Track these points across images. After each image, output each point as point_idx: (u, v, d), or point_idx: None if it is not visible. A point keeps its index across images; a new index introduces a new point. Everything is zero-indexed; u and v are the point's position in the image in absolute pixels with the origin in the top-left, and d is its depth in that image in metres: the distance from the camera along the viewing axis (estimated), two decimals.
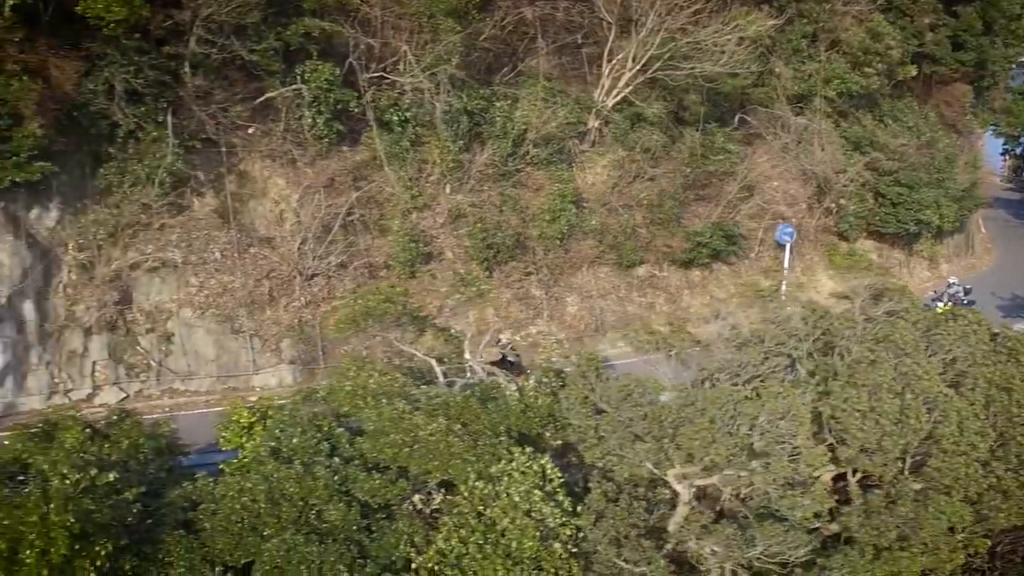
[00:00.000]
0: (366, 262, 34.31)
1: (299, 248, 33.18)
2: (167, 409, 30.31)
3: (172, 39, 30.60)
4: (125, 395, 31.24)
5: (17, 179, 28.35)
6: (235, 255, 32.73)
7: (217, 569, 20.45)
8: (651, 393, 20.65)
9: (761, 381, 22.01)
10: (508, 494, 19.02)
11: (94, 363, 31.32)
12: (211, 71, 31.40)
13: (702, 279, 42.49)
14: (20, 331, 30.16)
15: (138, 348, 31.83)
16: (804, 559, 19.87)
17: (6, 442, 21.86)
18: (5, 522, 18.93)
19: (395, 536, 19.70)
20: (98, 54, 29.06)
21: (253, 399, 30.52)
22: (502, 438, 20.51)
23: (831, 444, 21.59)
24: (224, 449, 24.03)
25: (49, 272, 30.75)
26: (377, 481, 19.93)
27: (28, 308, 30.23)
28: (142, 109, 30.05)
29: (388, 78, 34.03)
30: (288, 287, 33.29)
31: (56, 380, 30.87)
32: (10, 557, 18.53)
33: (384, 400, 20.78)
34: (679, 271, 41.54)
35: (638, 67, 38.43)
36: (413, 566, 19.43)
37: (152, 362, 31.85)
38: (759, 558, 19.80)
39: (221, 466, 23.34)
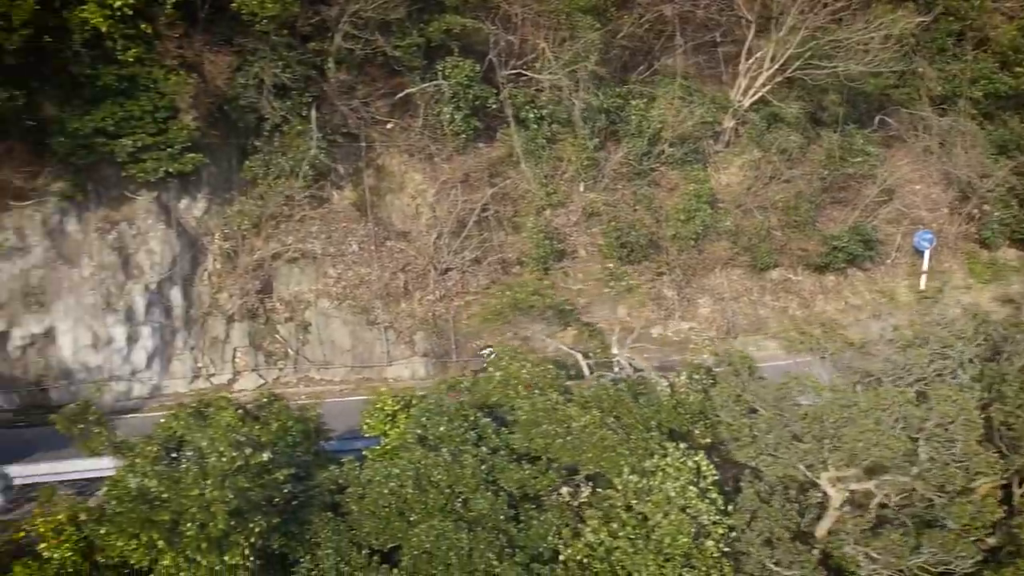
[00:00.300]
0: (499, 258, 34.32)
1: (434, 243, 33.43)
2: (303, 397, 30.86)
3: (317, 35, 31.25)
4: (263, 381, 31.91)
5: (171, 170, 29.27)
6: (372, 248, 33.16)
7: (364, 552, 20.68)
8: (810, 393, 20.02)
9: (926, 384, 21.13)
10: (663, 489, 18.67)
11: (235, 349, 32.14)
12: (354, 67, 31.96)
13: (836, 284, 41.22)
14: (168, 317, 31.15)
15: (277, 336, 32.52)
16: (970, 570, 18.98)
17: (161, 419, 22.55)
18: (164, 495, 19.54)
19: (544, 527, 19.57)
20: (249, 50, 29.86)
21: (386, 390, 30.99)
22: (653, 433, 20.18)
23: (1000, 451, 20.59)
24: (366, 435, 24.29)
25: (196, 260, 31.71)
26: (527, 471, 19.83)
27: (176, 295, 31.20)
28: (288, 103, 30.74)
29: (526, 75, 34.05)
30: (423, 281, 33.55)
31: (199, 365, 31.78)
32: (172, 528, 19.08)
33: (537, 391, 20.68)
34: (813, 275, 40.41)
35: (776, 66, 37.61)
36: (561, 557, 19.27)
37: (290, 350, 32.50)
38: (920, 566, 19.00)
39: (364, 452, 23.62)
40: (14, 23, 25.36)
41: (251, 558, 19.59)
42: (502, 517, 19.91)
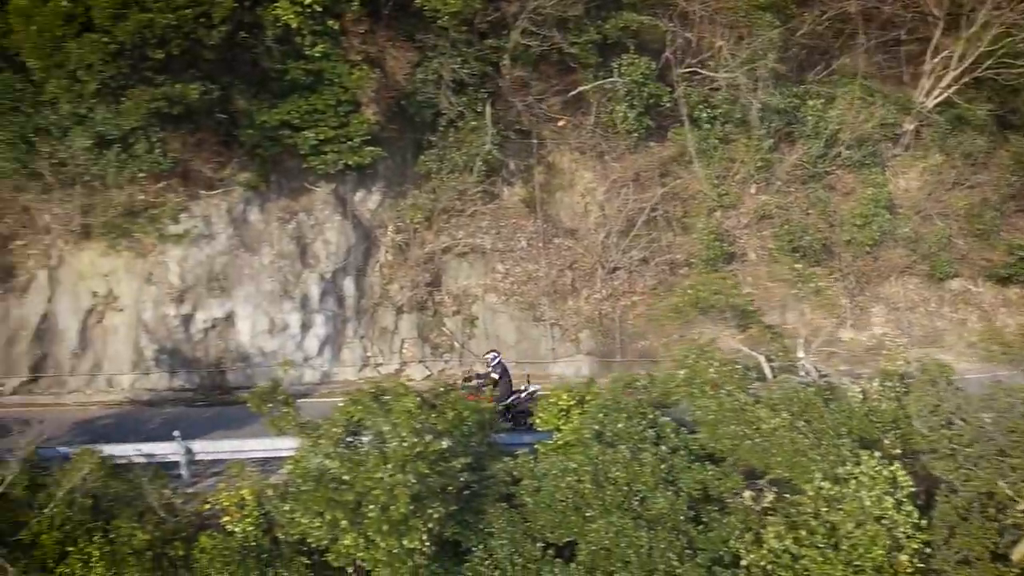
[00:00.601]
0: (667, 259, 33.85)
1: (602, 241, 33.24)
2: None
3: (493, 32, 31.55)
4: (429, 373, 32.30)
5: (350, 162, 30.00)
6: (540, 245, 33.23)
7: (538, 544, 20.62)
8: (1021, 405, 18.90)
9: None
10: (857, 498, 17.92)
11: (403, 340, 32.69)
12: (529, 63, 32.10)
13: (1020, 297, 39.00)
14: (340, 306, 31.94)
15: (444, 329, 32.93)
16: None
17: (339, 404, 23.01)
18: (345, 477, 19.94)
19: (726, 530, 19.11)
20: (430, 46, 30.37)
21: (551, 386, 30.92)
22: (845, 440, 19.43)
23: None
24: (539, 429, 24.23)
25: (369, 252, 32.44)
26: (709, 472, 19.40)
27: (348, 285, 31.98)
28: (464, 99, 31.11)
29: (701, 73, 33.49)
30: (590, 279, 33.40)
31: (368, 354, 32.44)
32: (354, 509, 19.44)
33: (723, 390, 20.23)
34: (995, 287, 38.31)
35: (965, 65, 35.85)
36: (743, 563, 18.75)
37: (456, 343, 32.84)
38: None
39: (536, 446, 23.57)
40: (214, 20, 26.48)
41: (428, 543, 19.81)
42: (681, 518, 19.51)
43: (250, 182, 30.13)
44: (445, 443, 20.39)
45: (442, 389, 23.39)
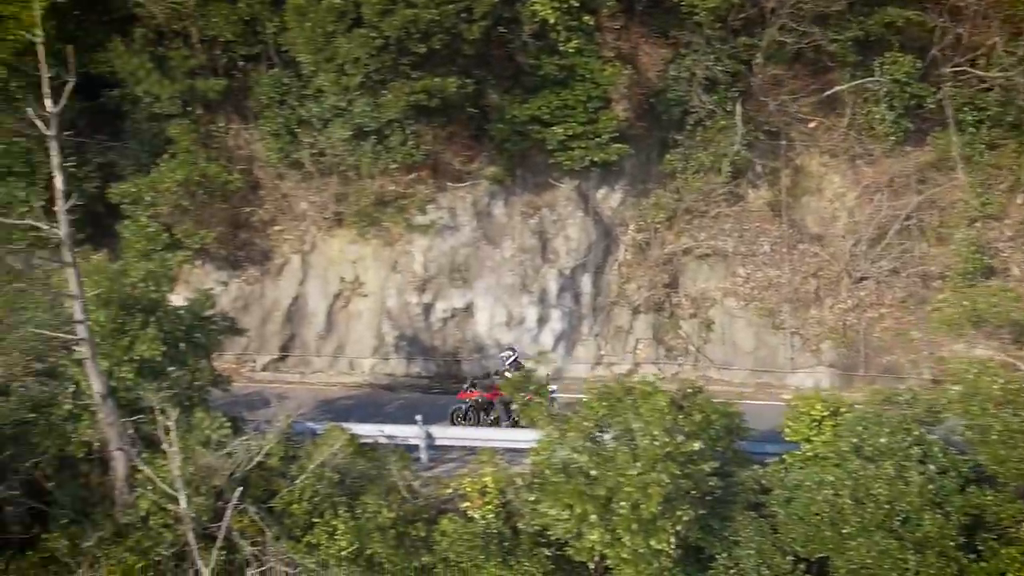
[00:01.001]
0: (920, 270, 31.88)
1: (850, 249, 31.73)
2: None
3: (746, 29, 30.70)
4: (662, 376, 31.77)
5: (596, 159, 29.99)
6: (784, 250, 32.11)
7: (788, 557, 19.83)
8: None
9: None
10: None
11: (637, 341, 32.39)
12: (782, 61, 31.04)
13: None
14: (577, 302, 32.01)
15: (679, 332, 32.37)
16: None
17: (583, 398, 22.90)
18: (592, 472, 19.81)
19: (1004, 561, 17.71)
20: (683, 43, 29.93)
21: (787, 397, 29.76)
22: None
23: None
24: (788, 440, 23.31)
25: (608, 250, 32.34)
26: (988, 497, 18.02)
27: (586, 282, 32.00)
28: (715, 97, 30.48)
29: (971, 73, 31.30)
30: (834, 288, 31.96)
31: (601, 352, 32.37)
32: (604, 505, 19.28)
33: (1009, 409, 18.77)
34: None
35: None
36: None
37: (691, 347, 32.22)
38: None
39: (784, 456, 22.69)
40: (475, 15, 27.10)
41: (674, 546, 19.41)
42: (952, 543, 18.24)
43: (496, 176, 30.64)
44: (697, 445, 19.95)
45: (690, 390, 22.90)
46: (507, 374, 25.31)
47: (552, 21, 27.78)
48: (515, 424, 25.43)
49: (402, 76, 27.65)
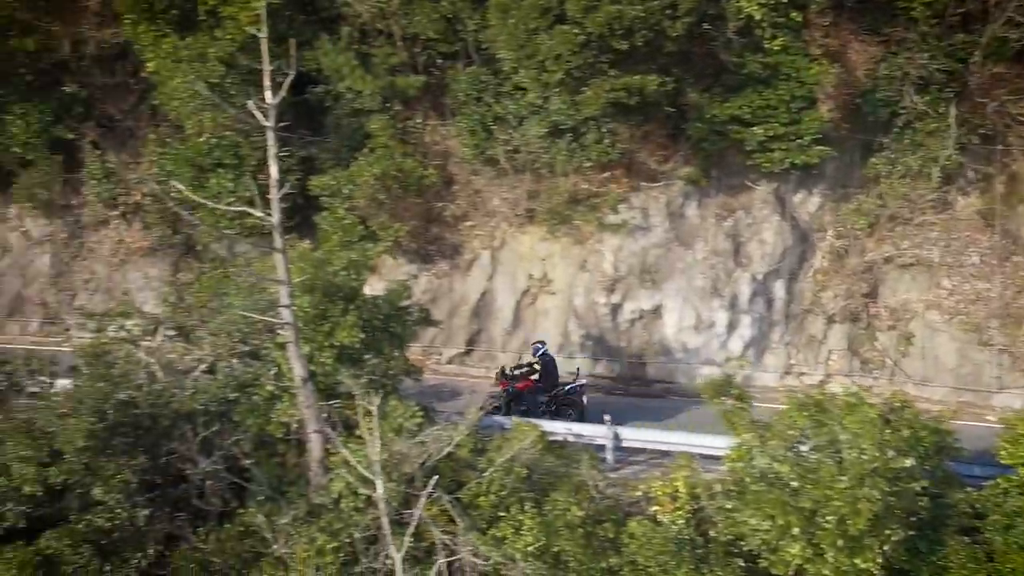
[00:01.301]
0: None
1: None
2: None
3: (964, 24, 29.00)
4: (854, 389, 30.45)
5: (796, 161, 28.99)
6: (995, 262, 30.21)
7: None
8: None
9: None
10: None
11: (829, 351, 31.14)
12: (1004, 59, 29.14)
13: None
14: (768, 309, 31.04)
15: (875, 344, 30.97)
16: None
17: (782, 407, 22.12)
18: (794, 483, 19.08)
19: None
20: (896, 40, 28.57)
21: (991, 418, 28.01)
22: None
23: None
24: (1003, 463, 21.87)
25: (803, 256, 31.23)
26: None
27: (779, 288, 30.99)
28: (927, 98, 28.91)
29: None
30: None
31: (792, 361, 31.29)
32: (809, 518, 18.57)
33: None
34: None
35: None
36: None
37: (887, 360, 30.76)
38: None
39: (998, 480, 21.30)
40: (679, 11, 26.63)
41: (879, 566, 18.51)
42: None
43: (691, 176, 30.12)
44: (908, 462, 18.93)
45: (897, 404, 21.81)
46: (535, 365, 26.78)
47: (758, 18, 26.98)
48: (554, 416, 26.05)
49: (601, 73, 27.47)
